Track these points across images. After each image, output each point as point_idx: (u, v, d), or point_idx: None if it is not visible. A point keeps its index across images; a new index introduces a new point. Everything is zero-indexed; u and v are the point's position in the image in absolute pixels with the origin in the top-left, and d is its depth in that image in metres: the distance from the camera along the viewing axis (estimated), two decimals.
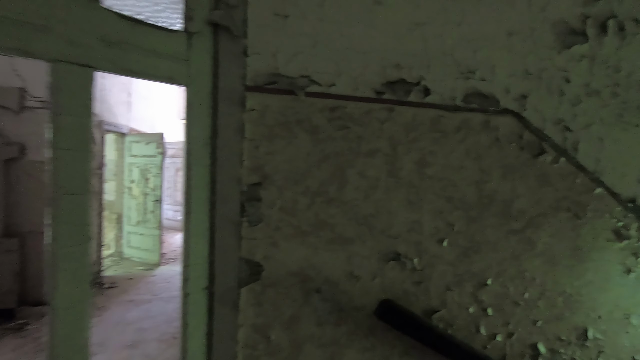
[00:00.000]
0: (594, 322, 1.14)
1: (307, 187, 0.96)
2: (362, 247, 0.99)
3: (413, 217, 1.02)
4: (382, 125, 0.99)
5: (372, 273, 1.00)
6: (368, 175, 0.99)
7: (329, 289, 0.98)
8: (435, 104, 1.01)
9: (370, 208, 0.99)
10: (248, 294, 0.93)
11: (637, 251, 1.15)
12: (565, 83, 1.08)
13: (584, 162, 1.10)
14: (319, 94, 0.95)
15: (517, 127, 1.06)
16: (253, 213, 0.93)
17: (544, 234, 1.09)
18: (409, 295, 1.03)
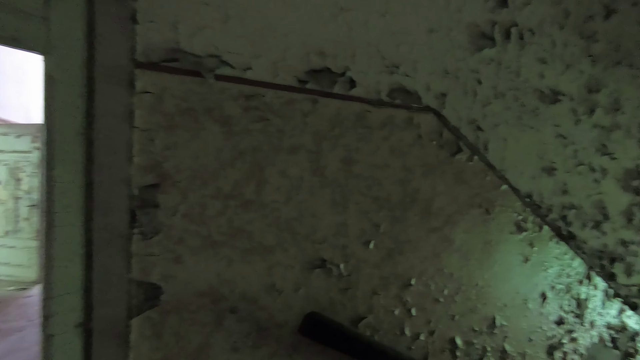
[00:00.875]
0: (500, 310, 1.22)
1: (219, 189, 0.80)
2: (284, 256, 0.88)
3: (339, 220, 0.94)
4: (305, 118, 0.88)
5: (296, 284, 0.89)
6: (290, 174, 0.87)
7: (246, 307, 0.84)
8: (361, 98, 0.95)
9: (293, 211, 0.88)
10: (142, 325, 0.74)
11: (532, 241, 1.27)
12: (477, 84, 1.12)
13: (492, 160, 1.16)
14: (231, 79, 0.80)
15: (437, 125, 1.07)
16: (148, 223, 0.74)
17: (459, 230, 1.12)
18: (335, 304, 0.95)
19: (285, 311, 0.88)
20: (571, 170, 1.36)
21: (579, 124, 1.36)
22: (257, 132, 0.83)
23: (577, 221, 1.38)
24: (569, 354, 1.39)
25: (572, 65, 1.33)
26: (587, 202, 1.41)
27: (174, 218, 0.76)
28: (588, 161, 1.40)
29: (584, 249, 1.40)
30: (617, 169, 1.50)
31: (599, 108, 1.41)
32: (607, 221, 1.47)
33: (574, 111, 1.35)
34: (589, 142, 1.40)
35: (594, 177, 1.43)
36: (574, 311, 1.38)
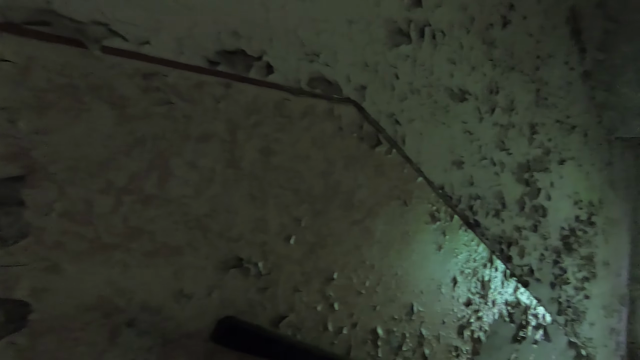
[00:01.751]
0: (418, 297, 1.27)
1: (110, 182, 0.68)
2: (194, 257, 0.78)
3: (257, 214, 0.88)
4: (217, 104, 0.80)
5: (209, 287, 0.81)
6: (201, 165, 0.78)
7: (148, 318, 0.73)
8: (280, 85, 0.89)
9: (205, 207, 0.79)
10: (2, 353, 0.59)
11: (445, 230, 1.35)
12: (395, 79, 1.15)
13: (409, 153, 1.21)
14: (125, 53, 0.69)
15: (358, 117, 1.06)
16: (9, 225, 0.59)
17: (380, 222, 1.14)
18: (254, 306, 0.88)
19: (196, 318, 0.79)
20: (476, 164, 1.49)
21: (482, 121, 1.49)
22: (160, 117, 0.73)
23: (481, 210, 1.51)
24: (475, 331, 1.52)
25: (476, 68, 1.44)
26: (489, 192, 1.55)
27: (47, 218, 0.62)
28: (490, 156, 1.55)
29: (487, 235, 1.55)
30: (512, 163, 1.69)
31: (498, 108, 1.57)
32: (505, 210, 1.65)
33: (478, 110, 1.47)
34: (490, 139, 1.54)
35: (495, 170, 1.58)
36: (479, 292, 1.52)
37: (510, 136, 1.65)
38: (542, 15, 1.82)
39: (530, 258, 1.84)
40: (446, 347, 1.39)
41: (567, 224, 2.18)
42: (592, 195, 2.47)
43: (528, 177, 1.78)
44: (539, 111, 1.84)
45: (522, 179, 1.74)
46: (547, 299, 2.01)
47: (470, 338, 1.50)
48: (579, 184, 2.30)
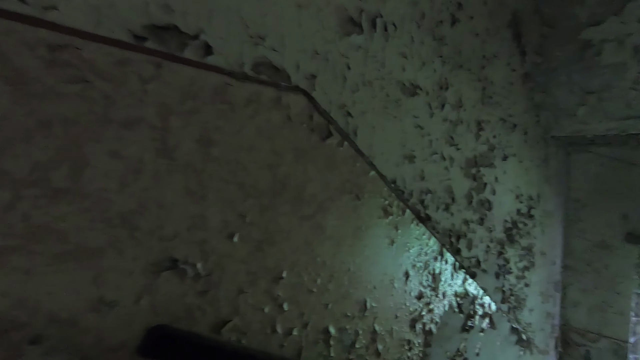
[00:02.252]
0: (370, 293, 1.25)
1: (5, 173, 0.57)
2: (118, 259, 0.69)
3: (195, 210, 0.79)
4: (145, 86, 0.71)
5: (137, 293, 0.71)
6: (125, 154, 0.69)
7: (59, 333, 0.62)
8: (220, 68, 0.82)
9: (131, 202, 0.70)
10: None
11: (397, 225, 1.35)
12: (347, 69, 1.12)
13: (361, 147, 1.18)
14: (24, 18, 0.57)
15: (308, 107, 1.01)
16: None
17: (331, 217, 1.10)
18: (192, 311, 0.80)
19: (121, 329, 0.69)
20: (427, 158, 1.50)
21: (433, 117, 1.51)
22: (72, 97, 0.62)
23: (432, 204, 1.53)
24: (427, 324, 1.54)
25: (427, 63, 1.46)
26: (439, 187, 1.58)
27: None
28: (440, 151, 1.57)
29: (438, 229, 1.57)
30: (460, 159, 1.73)
31: (447, 104, 1.60)
32: (454, 204, 1.69)
33: (429, 105, 1.48)
34: (440, 134, 1.57)
35: (445, 165, 1.61)
36: (430, 285, 1.54)
37: (459, 132, 1.70)
38: (487, 17, 1.89)
39: (477, 250, 1.91)
40: (399, 341, 1.39)
41: (510, 217, 2.31)
42: (531, 190, 2.64)
43: (475, 172, 1.85)
44: (484, 109, 1.92)
45: (469, 173, 1.80)
46: (492, 288, 2.11)
47: (422, 330, 1.51)
48: (520, 179, 2.44)
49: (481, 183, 1.92)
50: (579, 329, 3.63)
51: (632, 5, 1.84)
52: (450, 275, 1.68)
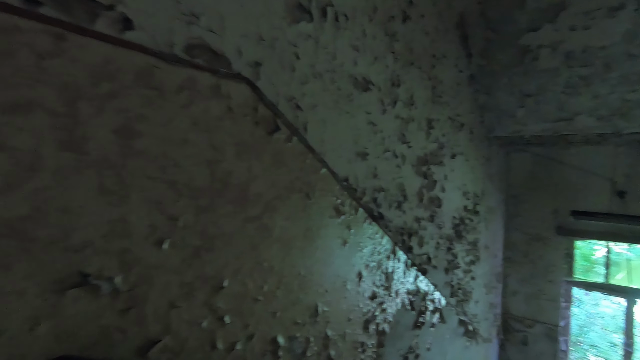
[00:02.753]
0: (322, 297, 1.19)
1: None
2: (3, 277, 0.55)
3: (113, 214, 0.67)
4: (41, 61, 0.57)
5: (31, 318, 0.58)
6: (13, 146, 0.55)
7: None
8: (144, 47, 0.70)
9: (22, 206, 0.56)
10: None
11: (350, 224, 1.30)
12: (295, 59, 1.04)
13: (312, 142, 1.11)
14: None
15: (252, 98, 0.92)
16: None
17: (279, 218, 1.01)
18: (111, 333, 0.67)
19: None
20: (380, 156, 1.47)
21: (385, 113, 1.49)
22: None
23: (385, 202, 1.51)
24: (380, 324, 1.52)
25: (379, 58, 1.42)
26: (392, 185, 1.56)
27: None
28: (392, 148, 1.55)
29: (390, 227, 1.55)
30: (412, 156, 1.74)
31: (400, 101, 1.59)
32: (406, 201, 1.68)
33: (382, 101, 1.45)
34: (392, 131, 1.55)
35: (397, 162, 1.60)
36: (383, 284, 1.52)
37: (411, 130, 1.69)
38: (437, 16, 1.92)
39: (428, 247, 1.94)
40: (352, 344, 1.35)
41: (458, 213, 2.38)
42: (476, 187, 2.76)
43: (426, 170, 1.87)
44: (434, 108, 1.95)
45: (420, 171, 1.82)
46: (442, 283, 2.16)
47: (376, 331, 1.49)
48: (467, 177, 2.54)
49: (432, 181, 1.94)
50: (517, 316, 3.90)
51: (565, 14, 1.97)
52: (402, 274, 1.68)
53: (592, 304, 7.43)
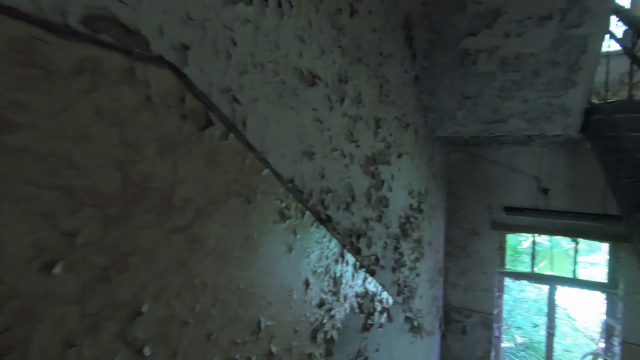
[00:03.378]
0: (266, 310, 1.08)
1: None
2: None
3: None
4: None
5: None
6: None
7: None
8: (21, 12, 0.53)
9: None
10: None
11: (296, 229, 1.20)
12: (232, 45, 0.91)
13: (252, 140, 0.99)
14: None
15: (178, 87, 0.78)
16: None
17: (214, 226, 0.88)
18: None
19: None
20: (328, 155, 1.40)
21: (333, 110, 1.41)
22: None
23: (333, 204, 1.44)
24: (329, 331, 1.44)
25: (326, 52, 1.34)
26: (340, 185, 1.49)
27: None
28: (340, 147, 1.49)
29: (338, 229, 1.49)
30: (360, 156, 1.69)
31: (347, 98, 1.52)
32: (354, 202, 1.63)
33: (329, 98, 1.38)
34: (340, 130, 1.48)
35: (345, 162, 1.54)
36: (332, 290, 1.45)
37: (359, 128, 1.64)
38: (384, 14, 1.90)
39: (376, 247, 1.91)
40: (299, 357, 1.26)
41: (404, 212, 2.41)
42: (421, 186, 2.82)
43: (374, 169, 1.84)
44: (381, 107, 1.93)
45: (368, 171, 1.78)
46: (389, 283, 2.16)
47: (324, 340, 1.41)
48: (412, 176, 2.58)
49: (379, 180, 1.92)
50: (457, 307, 4.12)
51: (501, 21, 2.06)
52: (351, 277, 1.62)
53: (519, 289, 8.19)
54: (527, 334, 7.90)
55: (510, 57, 2.26)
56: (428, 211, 3.12)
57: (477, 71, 2.44)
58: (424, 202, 2.93)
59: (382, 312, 2.05)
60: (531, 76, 2.33)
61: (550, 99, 2.45)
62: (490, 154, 3.87)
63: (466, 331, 4.04)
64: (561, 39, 2.05)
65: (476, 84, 2.55)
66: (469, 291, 4.03)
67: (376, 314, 1.96)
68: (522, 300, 8.43)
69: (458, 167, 4.05)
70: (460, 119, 2.90)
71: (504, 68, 2.35)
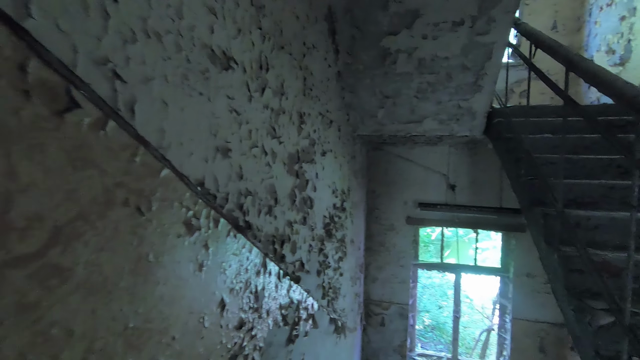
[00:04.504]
0: (168, 348, 0.85)
1: None
2: None
3: None
4: None
5: None
6: None
7: None
8: None
9: None
10: None
11: (207, 242, 0.99)
12: (111, 1, 0.67)
13: (144, 131, 0.76)
14: None
15: (14, 48, 0.52)
16: None
17: (85, 251, 0.63)
18: None
19: None
20: (246, 152, 1.21)
21: (252, 101, 1.23)
22: None
23: (253, 208, 1.25)
24: (249, 354, 1.26)
25: (244, 32, 1.15)
26: (261, 187, 1.32)
27: None
28: (261, 143, 1.31)
29: (260, 237, 1.31)
30: (283, 153, 1.53)
31: (269, 89, 1.35)
32: (277, 205, 1.47)
33: (247, 86, 1.19)
34: (261, 123, 1.30)
35: (267, 160, 1.36)
36: (252, 307, 1.27)
37: (282, 123, 1.48)
38: (307, 3, 1.77)
39: (301, 252, 1.78)
40: None
41: (328, 212, 2.33)
42: (344, 184, 2.79)
43: (298, 168, 1.70)
44: (305, 101, 1.80)
45: (293, 170, 1.63)
46: (314, 287, 2.05)
47: None
48: (335, 175, 2.51)
49: (304, 180, 1.79)
50: (376, 300, 4.26)
51: (419, 22, 2.10)
52: (274, 288, 1.46)
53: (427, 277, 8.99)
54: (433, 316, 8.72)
55: (427, 59, 2.33)
56: (350, 209, 3.12)
57: (396, 71, 2.47)
58: (346, 200, 2.90)
59: (307, 320, 1.93)
60: (444, 79, 2.44)
61: (459, 101, 2.61)
62: (405, 152, 4.07)
63: (385, 323, 4.21)
64: (471, 44, 2.17)
65: (395, 84, 2.59)
66: (387, 284, 4.20)
67: (301, 323, 1.83)
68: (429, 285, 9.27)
69: (376, 165, 4.17)
70: (381, 118, 2.94)
71: (421, 70, 2.42)
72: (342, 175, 2.71)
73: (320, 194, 2.11)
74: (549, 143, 2.12)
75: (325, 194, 2.23)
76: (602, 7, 3.19)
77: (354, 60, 2.48)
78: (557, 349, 3.69)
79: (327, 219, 2.31)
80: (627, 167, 1.85)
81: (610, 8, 3.07)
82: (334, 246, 2.53)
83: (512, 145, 2.18)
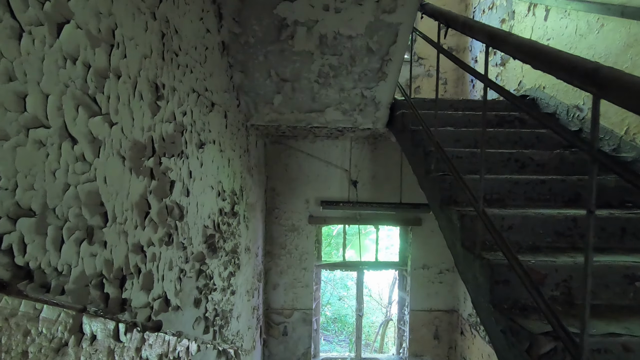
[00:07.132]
0: None
1: None
2: None
3: None
4: None
5: None
6: None
7: None
8: None
9: None
10: None
11: None
12: None
13: None
14: None
15: None
16: None
17: None
18: None
19: None
20: (21, 137, 0.64)
21: (38, 43, 0.66)
22: None
23: (39, 238, 0.70)
24: None
25: None
26: (66, 197, 0.76)
27: None
28: (61, 122, 0.75)
29: (64, 284, 0.76)
30: (122, 142, 0.99)
31: (78, 29, 0.80)
32: (108, 224, 0.93)
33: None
34: (63, 87, 0.74)
35: (80, 151, 0.82)
36: None
37: (114, 93, 0.93)
38: None
39: (165, 283, 1.25)
40: None
41: (212, 220, 1.81)
42: (235, 184, 2.29)
43: (153, 164, 1.16)
44: (167, 68, 1.26)
45: (142, 167, 1.09)
46: (190, 324, 1.53)
47: None
48: (222, 172, 2.01)
49: (165, 181, 1.25)
50: (277, 309, 3.87)
51: None
52: (107, 356, 0.91)
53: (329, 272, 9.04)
54: (335, 310, 8.83)
55: (329, 36, 2.00)
56: (244, 213, 2.64)
57: (294, 48, 2.08)
58: (238, 203, 2.41)
59: None
60: (348, 62, 2.15)
61: (363, 89, 2.37)
62: (307, 147, 3.76)
63: (287, 332, 3.86)
64: (376, 23, 1.92)
65: (294, 65, 2.20)
66: (289, 289, 3.85)
67: None
68: (329, 279, 9.36)
69: (276, 161, 3.76)
70: (278, 105, 2.53)
71: (323, 49, 2.08)
72: (231, 172, 2.21)
73: (197, 198, 1.58)
74: (451, 137, 2.02)
75: (206, 198, 1.72)
76: (485, 10, 3.37)
77: (244, 30, 2.00)
78: (448, 334, 3.88)
79: (211, 229, 1.80)
80: (580, 161, 1.82)
81: (492, 11, 3.25)
82: (222, 262, 2.02)
83: (418, 137, 2.01)
